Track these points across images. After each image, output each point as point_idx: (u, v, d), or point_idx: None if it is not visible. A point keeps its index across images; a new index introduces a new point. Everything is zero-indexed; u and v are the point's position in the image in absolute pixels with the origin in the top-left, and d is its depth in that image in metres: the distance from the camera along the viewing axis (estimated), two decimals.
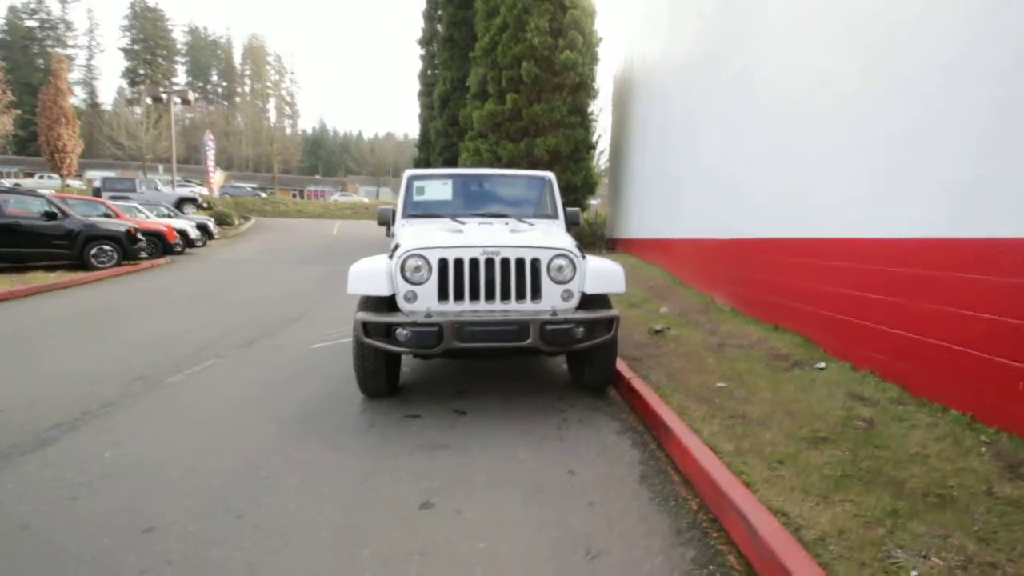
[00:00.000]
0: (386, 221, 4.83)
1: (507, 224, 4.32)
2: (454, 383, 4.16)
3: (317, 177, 66.07)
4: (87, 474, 2.64)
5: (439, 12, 20.70)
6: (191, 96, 25.89)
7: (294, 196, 47.93)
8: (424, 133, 21.40)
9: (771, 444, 2.85)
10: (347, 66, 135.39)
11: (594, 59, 14.79)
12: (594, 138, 15.36)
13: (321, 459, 2.82)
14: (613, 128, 16.52)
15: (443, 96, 18.40)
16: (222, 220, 20.77)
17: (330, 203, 42.72)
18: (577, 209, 4.92)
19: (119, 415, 3.47)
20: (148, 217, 14.43)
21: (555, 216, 4.77)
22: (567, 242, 3.72)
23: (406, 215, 4.67)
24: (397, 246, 3.53)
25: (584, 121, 14.79)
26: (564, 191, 12.59)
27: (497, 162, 14.43)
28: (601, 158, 17.63)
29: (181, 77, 66.45)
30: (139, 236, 11.13)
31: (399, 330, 3.22)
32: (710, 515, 2.28)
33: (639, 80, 13.07)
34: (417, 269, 3.42)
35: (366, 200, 46.82)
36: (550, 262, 3.51)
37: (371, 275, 3.43)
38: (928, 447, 2.74)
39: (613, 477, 2.64)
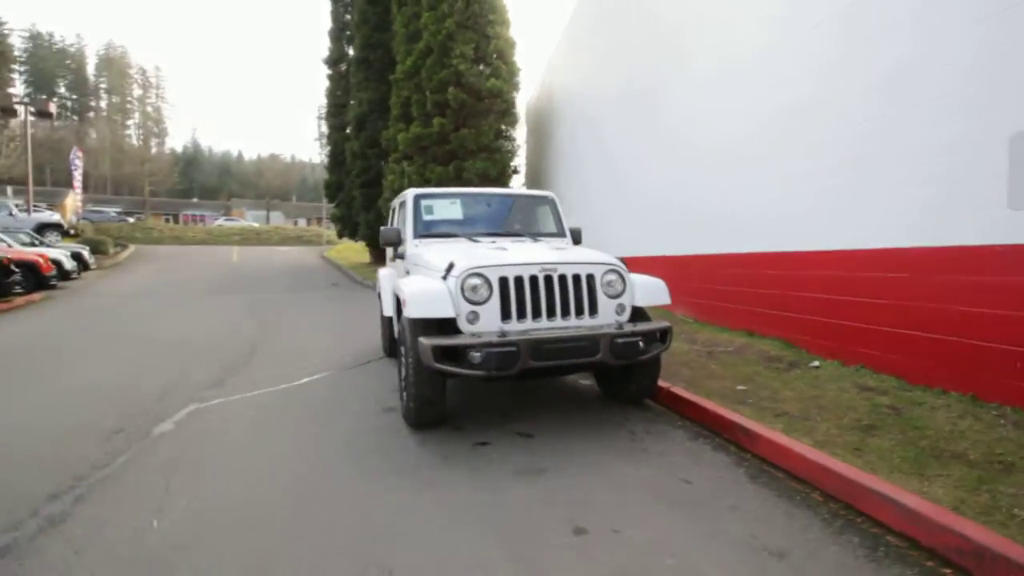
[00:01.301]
0: (392, 242, 4.62)
1: (536, 241, 4.32)
2: (493, 408, 4.00)
3: (195, 200, 59.99)
4: (147, 548, 2.16)
5: (348, 32, 20.15)
6: (52, 108, 22.35)
7: (167, 221, 43.20)
8: (337, 154, 20.42)
9: (835, 435, 3.13)
10: (221, 80, 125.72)
11: (515, 88, 15.35)
12: (514, 162, 15.84)
13: (424, 496, 2.58)
14: (530, 153, 17.15)
15: (359, 117, 17.81)
16: (97, 248, 18.08)
17: (213, 228, 39.01)
18: (579, 228, 5.04)
19: (128, 475, 2.89)
20: (11, 246, 12.17)
21: (563, 234, 4.85)
22: (611, 257, 3.82)
23: (418, 235, 4.49)
24: (452, 264, 3.38)
25: (510, 146, 15.23)
26: None
27: (426, 184, 14.27)
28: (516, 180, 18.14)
29: (19, 87, 57.14)
30: (13, 268, 9.35)
31: (472, 352, 3.07)
32: (840, 503, 2.45)
33: (560, 108, 13.74)
34: (475, 289, 3.30)
35: (256, 225, 43.35)
36: (603, 277, 3.57)
37: (433, 297, 3.25)
38: (958, 424, 3.18)
39: (726, 480, 2.73)
